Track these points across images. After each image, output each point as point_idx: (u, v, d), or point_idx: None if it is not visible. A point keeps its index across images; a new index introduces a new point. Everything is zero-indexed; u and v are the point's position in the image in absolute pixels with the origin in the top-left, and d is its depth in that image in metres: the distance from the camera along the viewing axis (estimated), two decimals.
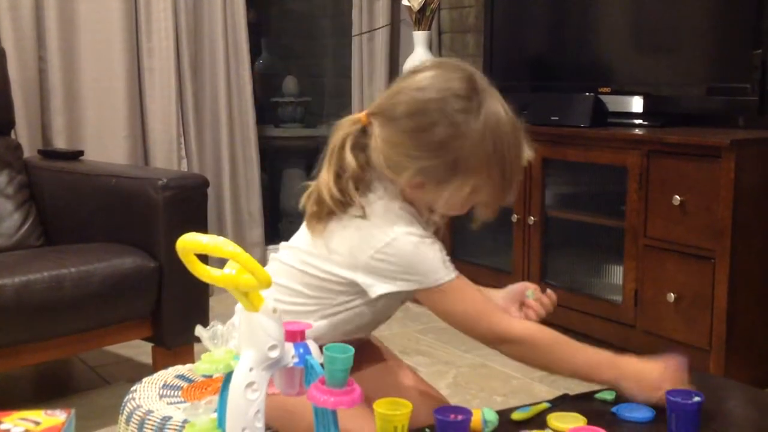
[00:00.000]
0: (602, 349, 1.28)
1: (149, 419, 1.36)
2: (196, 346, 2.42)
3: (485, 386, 2.56)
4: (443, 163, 1.21)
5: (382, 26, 3.85)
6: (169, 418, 1.35)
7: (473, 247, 3.37)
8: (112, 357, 2.77)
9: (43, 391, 2.62)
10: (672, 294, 2.51)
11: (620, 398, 1.27)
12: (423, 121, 1.20)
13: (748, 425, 1.29)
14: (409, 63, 3.64)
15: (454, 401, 2.39)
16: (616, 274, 2.79)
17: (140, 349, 2.68)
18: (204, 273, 0.95)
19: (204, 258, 0.95)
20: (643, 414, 1.21)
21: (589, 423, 1.16)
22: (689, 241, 2.47)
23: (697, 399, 1.13)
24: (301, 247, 1.31)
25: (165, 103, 3.40)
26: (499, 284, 3.33)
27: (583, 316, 2.82)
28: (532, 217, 3.00)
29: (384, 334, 3.03)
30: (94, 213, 2.54)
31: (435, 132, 1.20)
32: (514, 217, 3.06)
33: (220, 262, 0.91)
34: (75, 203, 2.60)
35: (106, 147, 3.24)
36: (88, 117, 3.25)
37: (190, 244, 0.92)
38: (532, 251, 3.01)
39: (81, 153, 2.84)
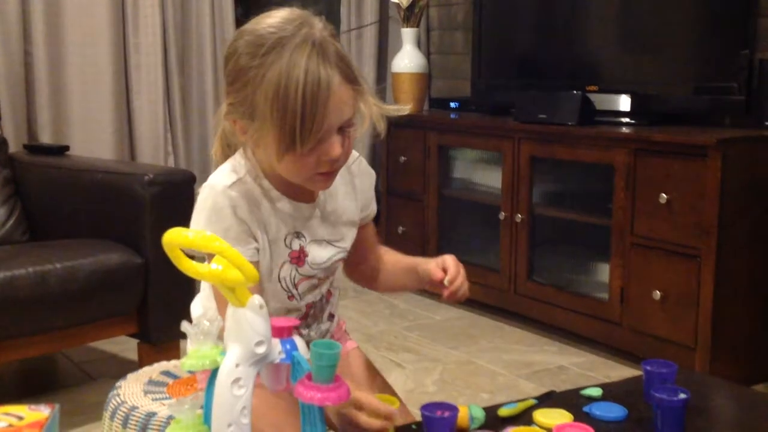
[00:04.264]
0: None
1: (134, 415, 1.36)
2: (182, 343, 2.41)
3: (472, 383, 2.57)
4: (243, 97, 1.15)
5: (371, 23, 3.85)
6: (154, 414, 1.35)
7: (460, 245, 3.38)
8: (97, 353, 2.75)
9: (28, 386, 2.60)
10: (658, 292, 2.52)
11: (607, 395, 1.28)
12: (227, 51, 1.19)
13: (733, 423, 1.29)
14: (398, 60, 3.64)
15: (440, 398, 2.39)
16: (603, 271, 2.80)
17: (126, 345, 2.67)
18: (190, 268, 0.94)
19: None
20: (615, 413, 1.21)
21: (575, 420, 1.16)
22: (675, 240, 2.48)
23: (682, 396, 1.13)
24: None
25: (152, 98, 3.38)
26: (486, 282, 3.33)
27: (569, 313, 2.83)
28: (519, 215, 3.00)
29: (371, 332, 3.05)
30: (80, 208, 2.52)
31: (231, 62, 1.17)
32: (502, 215, 3.07)
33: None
34: (61, 198, 2.58)
35: (92, 142, 3.22)
36: (74, 112, 3.23)
37: (176, 239, 0.92)
38: (519, 249, 3.02)
39: (67, 148, 2.82)
